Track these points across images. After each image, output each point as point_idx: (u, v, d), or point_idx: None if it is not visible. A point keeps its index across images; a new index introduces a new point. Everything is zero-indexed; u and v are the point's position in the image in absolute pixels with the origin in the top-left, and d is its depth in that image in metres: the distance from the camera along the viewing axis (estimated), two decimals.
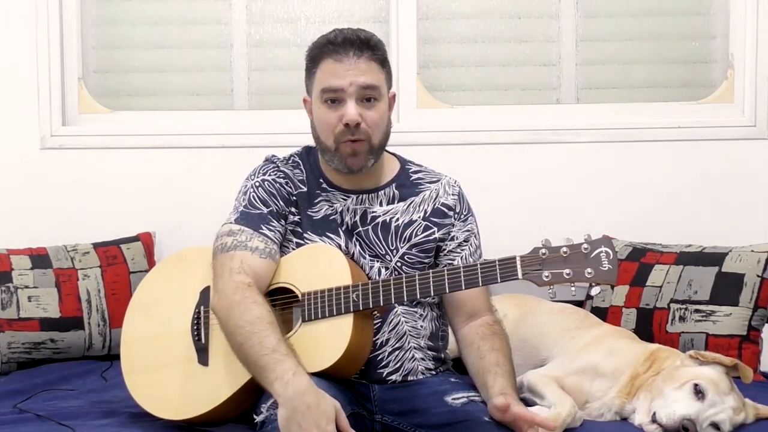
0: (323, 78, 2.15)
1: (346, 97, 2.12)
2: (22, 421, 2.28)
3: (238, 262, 2.11)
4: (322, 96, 2.15)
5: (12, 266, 2.87)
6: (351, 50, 2.13)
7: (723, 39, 3.33)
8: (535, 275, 1.93)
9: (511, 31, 3.37)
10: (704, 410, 2.23)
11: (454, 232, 2.26)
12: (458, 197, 2.29)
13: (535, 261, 1.93)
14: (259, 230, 2.17)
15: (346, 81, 2.12)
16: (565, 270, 1.91)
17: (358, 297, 2.04)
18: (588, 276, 1.90)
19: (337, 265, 2.10)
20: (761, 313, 2.71)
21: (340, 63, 2.13)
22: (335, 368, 2.03)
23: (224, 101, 3.39)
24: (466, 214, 2.30)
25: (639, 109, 3.32)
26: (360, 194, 2.23)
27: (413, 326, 2.20)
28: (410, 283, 2.03)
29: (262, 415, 1.95)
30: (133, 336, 2.29)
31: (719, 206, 3.24)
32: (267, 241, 2.16)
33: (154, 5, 3.37)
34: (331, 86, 2.13)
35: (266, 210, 2.20)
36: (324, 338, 2.05)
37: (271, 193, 2.23)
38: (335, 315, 2.05)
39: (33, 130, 3.24)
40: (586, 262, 1.91)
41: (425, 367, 2.22)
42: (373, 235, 2.21)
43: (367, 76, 2.13)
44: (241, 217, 2.20)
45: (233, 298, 2.05)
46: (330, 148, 2.17)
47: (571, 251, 1.92)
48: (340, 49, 2.13)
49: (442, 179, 2.31)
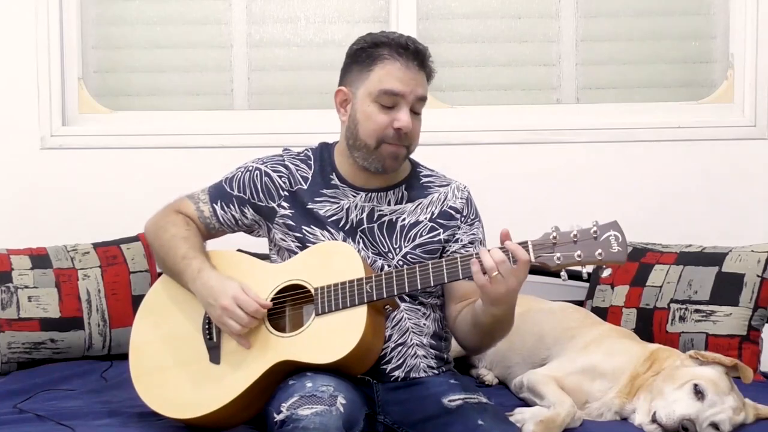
0: (386, 79, 2.16)
1: (403, 103, 2.16)
2: (22, 421, 2.28)
3: (181, 205, 2.34)
4: (379, 97, 2.16)
5: (12, 266, 2.86)
6: (417, 60, 2.17)
7: (723, 39, 3.34)
8: (547, 258, 1.95)
9: (511, 31, 3.37)
10: (704, 410, 2.23)
11: (459, 235, 2.27)
12: (466, 201, 2.31)
13: (547, 245, 1.96)
14: (215, 203, 2.30)
15: (408, 88, 2.15)
16: (575, 252, 1.94)
17: (372, 288, 2.05)
18: (598, 257, 1.93)
19: (352, 262, 2.11)
20: (761, 313, 2.71)
21: (407, 70, 2.16)
22: (349, 359, 2.03)
23: (224, 101, 3.39)
24: (473, 218, 2.31)
25: (639, 109, 3.33)
26: (369, 192, 2.25)
27: (416, 323, 2.21)
28: (423, 270, 2.04)
29: (282, 414, 1.93)
30: (144, 339, 2.28)
31: (719, 206, 3.24)
32: (212, 214, 2.31)
33: (154, 5, 3.37)
34: (395, 90, 2.15)
35: (237, 193, 2.29)
36: (338, 329, 2.05)
37: (255, 185, 2.27)
38: (349, 307, 2.06)
39: (33, 130, 3.24)
40: (597, 245, 1.94)
41: (428, 365, 2.22)
42: (378, 232, 2.22)
43: (425, 90, 2.20)
44: (213, 186, 2.34)
45: (159, 223, 2.32)
46: (370, 146, 2.18)
47: (581, 235, 1.95)
48: (409, 55, 2.16)
49: (452, 184, 2.33)
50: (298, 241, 2.22)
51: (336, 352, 2.02)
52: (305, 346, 2.06)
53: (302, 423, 1.88)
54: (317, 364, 2.03)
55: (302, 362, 2.04)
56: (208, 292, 2.14)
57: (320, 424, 1.88)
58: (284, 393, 1.99)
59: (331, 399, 1.93)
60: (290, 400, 1.95)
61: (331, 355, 2.02)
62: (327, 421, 1.88)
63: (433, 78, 2.25)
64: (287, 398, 1.96)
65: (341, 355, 2.02)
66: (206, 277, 2.17)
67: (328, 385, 1.97)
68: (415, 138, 2.21)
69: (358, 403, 2.03)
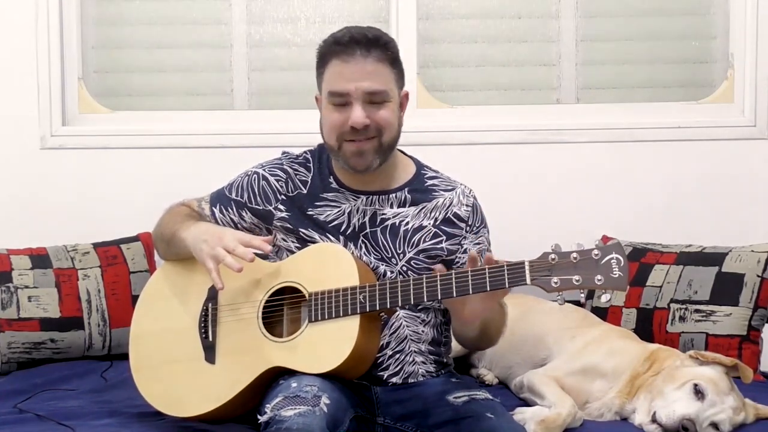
0: (330, 80, 2.12)
1: (352, 100, 2.10)
2: (22, 421, 2.28)
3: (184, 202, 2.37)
4: (330, 98, 2.12)
5: (12, 266, 2.86)
6: (358, 50, 2.08)
7: (723, 39, 3.33)
8: (544, 281, 1.87)
9: (511, 31, 3.37)
10: (704, 410, 2.23)
11: (465, 245, 2.22)
12: (472, 208, 2.25)
13: (545, 266, 1.87)
14: (214, 206, 2.31)
15: (351, 85, 2.08)
16: (574, 276, 1.85)
17: (365, 298, 2.02)
18: (598, 283, 1.84)
19: (345, 265, 2.09)
20: (761, 313, 2.71)
21: (347, 64, 2.09)
22: (340, 370, 2.02)
23: (224, 101, 3.39)
24: (479, 226, 2.25)
25: (639, 109, 3.33)
26: (370, 195, 2.21)
27: (414, 330, 2.19)
28: (417, 285, 1.99)
29: (266, 415, 1.93)
30: (142, 330, 2.29)
31: (719, 206, 3.24)
32: (212, 215, 2.31)
33: (154, 5, 3.37)
34: (337, 90, 2.10)
35: (235, 198, 2.29)
36: (330, 339, 2.04)
37: (253, 188, 2.27)
38: (342, 316, 2.04)
39: (33, 130, 3.24)
40: (597, 269, 1.85)
41: (426, 370, 2.21)
42: (381, 237, 2.19)
43: (374, 81, 2.09)
44: (215, 191, 2.35)
45: (162, 215, 2.35)
46: (333, 147, 2.16)
47: (581, 257, 1.86)
48: (347, 49, 2.09)
49: (458, 188, 2.27)
50: (299, 242, 2.21)
51: (327, 363, 2.02)
52: (297, 354, 2.06)
53: (285, 424, 1.88)
54: (309, 373, 2.02)
55: (294, 370, 2.04)
56: (204, 230, 2.16)
57: (303, 424, 1.87)
58: (270, 393, 2.00)
59: (314, 399, 1.92)
60: (274, 400, 1.95)
61: (323, 365, 2.02)
62: (310, 422, 1.87)
63: (400, 62, 2.15)
64: (272, 399, 1.96)
65: (332, 366, 2.01)
66: (203, 224, 2.21)
67: (313, 385, 1.96)
68: (384, 126, 2.11)
69: (344, 403, 2.01)
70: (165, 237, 2.28)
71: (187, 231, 2.18)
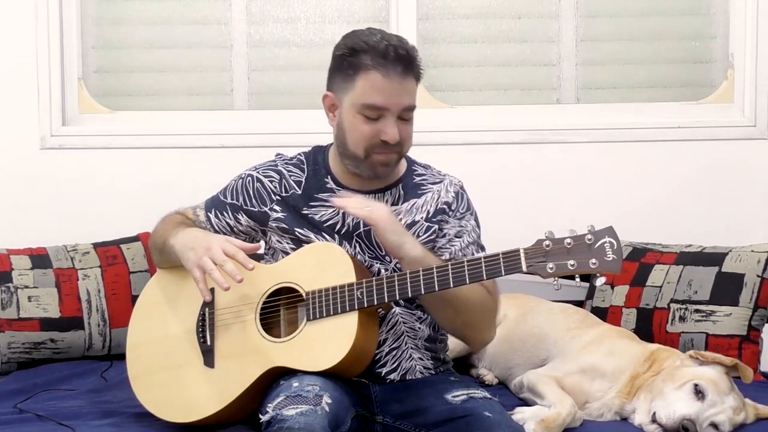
0: (367, 92, 2.10)
1: (388, 115, 2.10)
2: (22, 421, 2.28)
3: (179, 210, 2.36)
4: (363, 109, 2.11)
5: (12, 266, 2.86)
6: (400, 67, 2.09)
7: (723, 39, 3.33)
8: (540, 267, 1.89)
9: (511, 31, 3.37)
10: (704, 410, 2.23)
11: (446, 229, 2.23)
12: (456, 195, 2.26)
13: (539, 253, 1.89)
14: (209, 212, 2.31)
15: (391, 101, 2.09)
16: (569, 261, 1.87)
17: (362, 294, 2.03)
18: (592, 266, 1.86)
19: (342, 263, 2.09)
20: (761, 313, 2.71)
21: (388, 80, 2.08)
22: (340, 366, 2.02)
23: (224, 101, 3.39)
24: (463, 212, 2.26)
25: (639, 109, 3.33)
26: (366, 194, 2.21)
27: (411, 327, 2.20)
28: (414, 279, 2.00)
29: (268, 414, 1.93)
30: (139, 338, 2.29)
31: (719, 206, 3.24)
32: (207, 221, 2.30)
33: (154, 5, 3.37)
34: (377, 105, 2.09)
35: (230, 201, 2.28)
36: (329, 337, 2.04)
37: (247, 191, 2.26)
38: (340, 313, 2.04)
39: (33, 130, 3.24)
40: (590, 253, 1.87)
41: (423, 366, 2.22)
42: (375, 235, 2.17)
43: (411, 97, 2.12)
44: (210, 198, 2.35)
45: (156, 224, 2.34)
46: (359, 157, 2.15)
47: (575, 242, 1.88)
48: (390, 65, 2.08)
49: (445, 180, 2.29)
50: (294, 243, 2.21)
51: (327, 361, 2.02)
52: (297, 353, 2.06)
53: (287, 423, 1.88)
54: (309, 372, 2.03)
55: (294, 369, 2.04)
56: (192, 237, 2.15)
57: (305, 424, 1.87)
58: (271, 393, 2.00)
59: (316, 398, 1.92)
60: (276, 400, 1.95)
61: (323, 363, 2.02)
62: (312, 421, 1.88)
63: (422, 77, 2.19)
64: (274, 398, 1.97)
65: (332, 364, 2.01)
66: (192, 231, 2.20)
67: (314, 385, 1.96)
68: (406, 142, 2.16)
69: (346, 402, 2.02)
70: (158, 245, 2.28)
71: (176, 238, 2.18)
